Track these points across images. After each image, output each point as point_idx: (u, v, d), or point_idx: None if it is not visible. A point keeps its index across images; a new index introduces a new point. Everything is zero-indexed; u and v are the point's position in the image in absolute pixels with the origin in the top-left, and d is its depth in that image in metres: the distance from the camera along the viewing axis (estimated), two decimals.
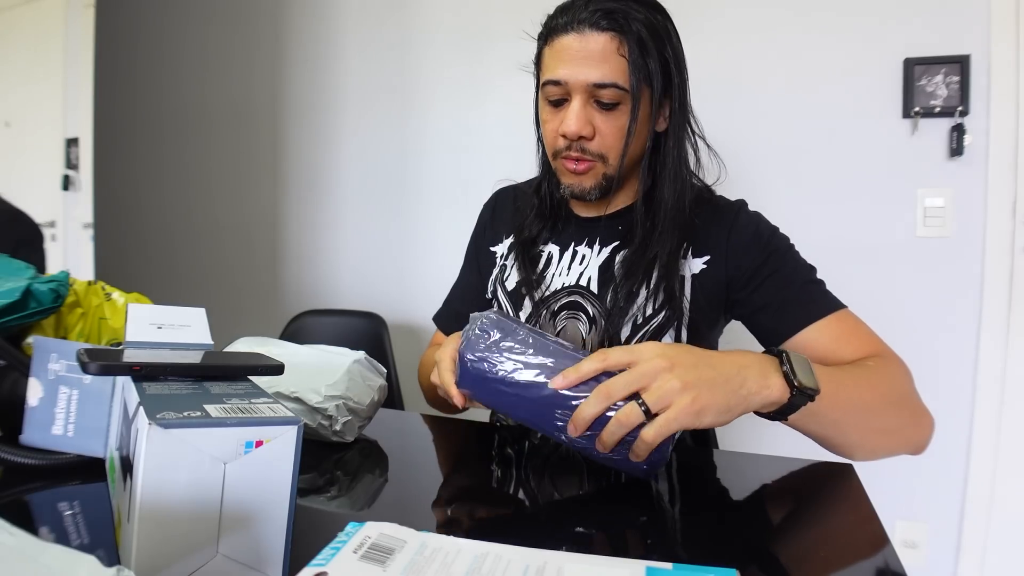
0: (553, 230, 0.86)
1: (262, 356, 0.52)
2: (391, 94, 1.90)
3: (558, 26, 0.73)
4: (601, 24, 0.70)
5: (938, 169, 1.40)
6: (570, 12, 0.73)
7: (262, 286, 2.12)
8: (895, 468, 1.44)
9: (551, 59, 0.74)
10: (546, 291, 0.82)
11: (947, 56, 1.38)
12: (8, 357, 0.57)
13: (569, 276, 0.81)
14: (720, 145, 0.83)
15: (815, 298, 0.74)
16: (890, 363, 0.69)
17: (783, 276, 0.75)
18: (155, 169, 2.28)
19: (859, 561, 0.45)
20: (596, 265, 0.81)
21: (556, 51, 0.73)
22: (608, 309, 0.76)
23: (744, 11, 1.53)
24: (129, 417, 0.39)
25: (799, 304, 0.73)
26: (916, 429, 0.67)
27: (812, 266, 0.78)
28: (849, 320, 0.73)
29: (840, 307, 0.74)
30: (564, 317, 0.80)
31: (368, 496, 0.56)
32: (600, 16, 0.70)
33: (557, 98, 0.75)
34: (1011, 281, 1.36)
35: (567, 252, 0.84)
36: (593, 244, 0.82)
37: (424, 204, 1.88)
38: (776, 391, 0.53)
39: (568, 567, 0.33)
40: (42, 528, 0.45)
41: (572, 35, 0.72)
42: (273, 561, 0.37)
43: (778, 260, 0.76)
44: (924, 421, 0.68)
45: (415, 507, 0.54)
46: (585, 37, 0.71)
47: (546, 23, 0.76)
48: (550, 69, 0.74)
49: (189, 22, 2.20)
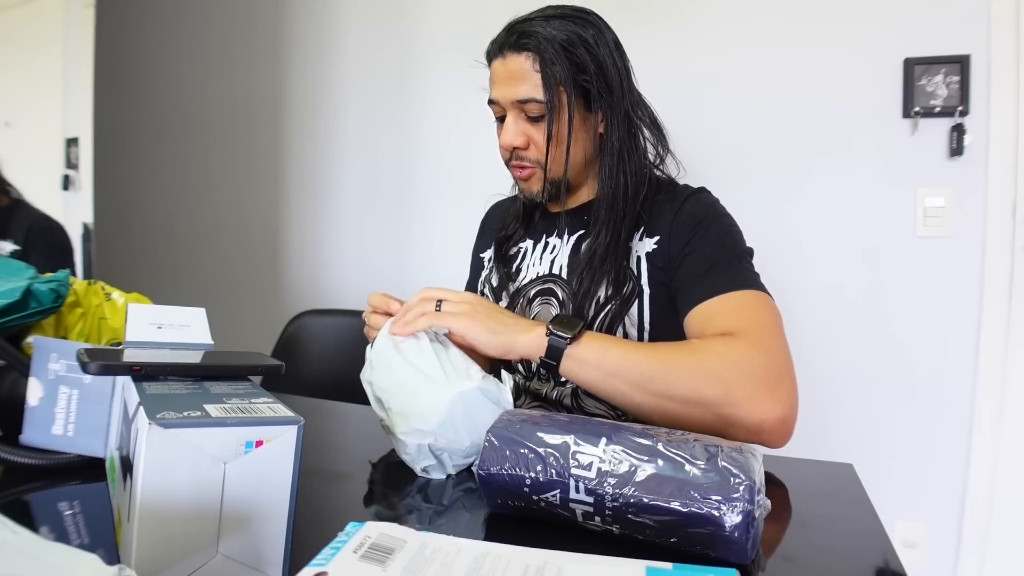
0: (528, 227, 0.95)
1: (262, 356, 0.52)
2: (391, 94, 1.90)
3: (490, 52, 0.84)
4: (518, 45, 0.80)
5: (938, 169, 1.40)
6: (497, 39, 0.83)
7: (262, 286, 2.12)
8: (895, 468, 1.45)
9: (490, 82, 0.85)
10: (524, 281, 0.90)
11: (947, 56, 1.38)
12: (8, 357, 0.57)
13: (542, 265, 0.89)
14: (720, 145, 0.83)
15: (714, 277, 0.75)
16: (714, 342, 0.67)
17: (699, 255, 0.77)
18: (155, 169, 2.28)
19: (859, 561, 0.45)
20: (566, 253, 0.88)
21: (491, 75, 0.84)
22: (575, 292, 0.82)
23: (744, 11, 1.53)
24: (129, 417, 0.39)
25: (698, 283, 0.75)
26: (725, 405, 0.63)
27: (742, 248, 0.80)
28: (733, 301, 0.72)
29: (740, 287, 0.73)
30: (538, 303, 0.88)
31: (368, 496, 0.56)
32: (516, 38, 0.80)
33: (499, 115, 0.86)
34: (1011, 281, 1.36)
35: (539, 244, 0.92)
36: (562, 235, 0.89)
37: (424, 204, 1.88)
38: (535, 336, 0.66)
39: (568, 567, 0.33)
40: (43, 528, 0.45)
41: (499, 59, 0.82)
42: (273, 561, 0.37)
43: (700, 240, 0.79)
44: (744, 400, 0.63)
45: (415, 507, 0.54)
46: (507, 60, 0.81)
47: (486, 50, 0.86)
48: (490, 91, 0.85)
49: (189, 22, 2.20)
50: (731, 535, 0.40)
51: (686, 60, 1.57)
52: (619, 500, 0.43)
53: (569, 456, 0.45)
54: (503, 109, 0.84)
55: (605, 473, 0.43)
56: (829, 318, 1.47)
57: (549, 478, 0.45)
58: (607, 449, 0.44)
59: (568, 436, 0.46)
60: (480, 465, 0.49)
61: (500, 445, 0.48)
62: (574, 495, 0.44)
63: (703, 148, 1.51)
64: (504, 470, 0.47)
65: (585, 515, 0.45)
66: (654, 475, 0.42)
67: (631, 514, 0.43)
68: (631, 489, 0.42)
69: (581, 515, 0.45)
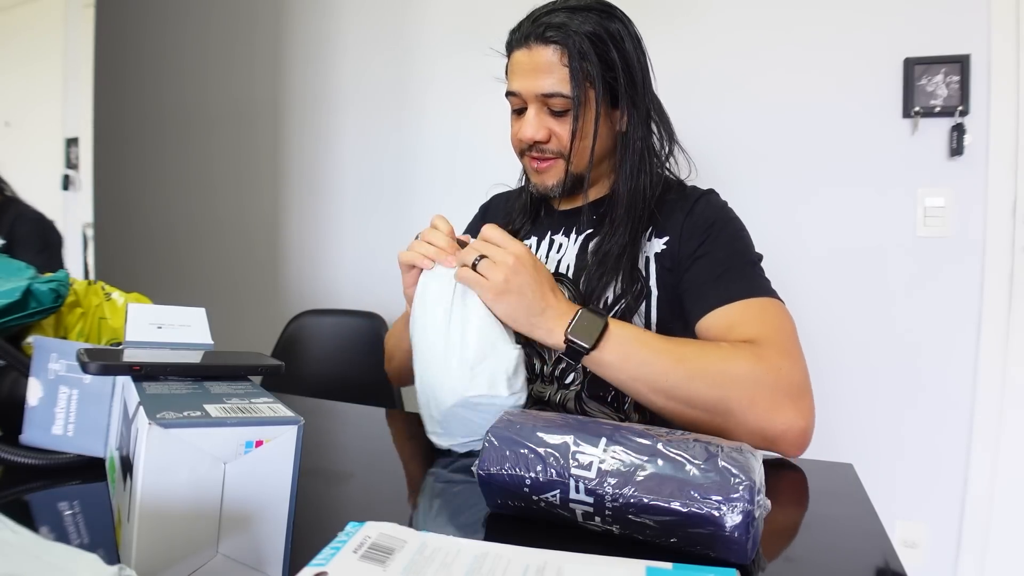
0: (535, 223, 0.93)
1: (262, 356, 0.52)
2: (391, 94, 1.90)
3: (513, 41, 0.82)
4: (546, 37, 0.77)
5: (938, 169, 1.40)
6: (522, 28, 0.80)
7: (262, 286, 2.12)
8: (895, 468, 1.45)
9: (510, 72, 0.83)
10: None
11: (947, 56, 1.38)
12: (8, 357, 0.57)
13: (548, 264, 0.87)
14: (720, 145, 0.83)
15: (730, 282, 0.74)
16: (743, 349, 0.66)
17: (712, 259, 0.77)
18: (155, 169, 2.28)
19: (859, 561, 0.45)
20: (573, 252, 0.86)
21: (512, 65, 0.82)
22: (583, 292, 0.81)
23: (744, 11, 1.53)
24: (129, 417, 0.39)
25: (712, 288, 0.75)
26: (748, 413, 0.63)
27: (755, 254, 0.79)
28: (755, 307, 0.72)
29: (757, 294, 0.73)
30: None
31: (368, 496, 0.56)
32: (545, 29, 0.77)
33: (518, 107, 0.83)
34: (1011, 281, 1.36)
35: (544, 241, 0.89)
36: (570, 233, 0.88)
37: (424, 204, 1.88)
38: (555, 337, 0.65)
39: (568, 567, 0.33)
40: (42, 528, 0.45)
41: (523, 50, 0.79)
42: (273, 561, 0.37)
43: (712, 243, 0.78)
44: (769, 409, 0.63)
45: (415, 507, 0.54)
46: (532, 51, 0.78)
47: (507, 39, 0.83)
48: (509, 82, 0.82)
49: (189, 22, 2.20)
50: (731, 535, 0.40)
51: (686, 62, 1.57)
52: (619, 500, 0.43)
53: (569, 456, 0.45)
54: (523, 101, 0.81)
55: (605, 473, 0.43)
56: (829, 318, 1.47)
57: (549, 478, 0.45)
58: (607, 449, 0.44)
59: (568, 436, 0.46)
60: (480, 465, 0.49)
61: (500, 445, 0.48)
62: (574, 495, 0.44)
63: (703, 148, 1.50)
64: (504, 470, 0.47)
65: (585, 515, 0.45)
66: (654, 475, 0.42)
67: (631, 514, 0.43)
68: (631, 489, 0.42)
69: (581, 515, 0.45)
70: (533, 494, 0.46)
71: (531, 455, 0.46)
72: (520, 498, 0.47)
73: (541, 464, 0.46)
